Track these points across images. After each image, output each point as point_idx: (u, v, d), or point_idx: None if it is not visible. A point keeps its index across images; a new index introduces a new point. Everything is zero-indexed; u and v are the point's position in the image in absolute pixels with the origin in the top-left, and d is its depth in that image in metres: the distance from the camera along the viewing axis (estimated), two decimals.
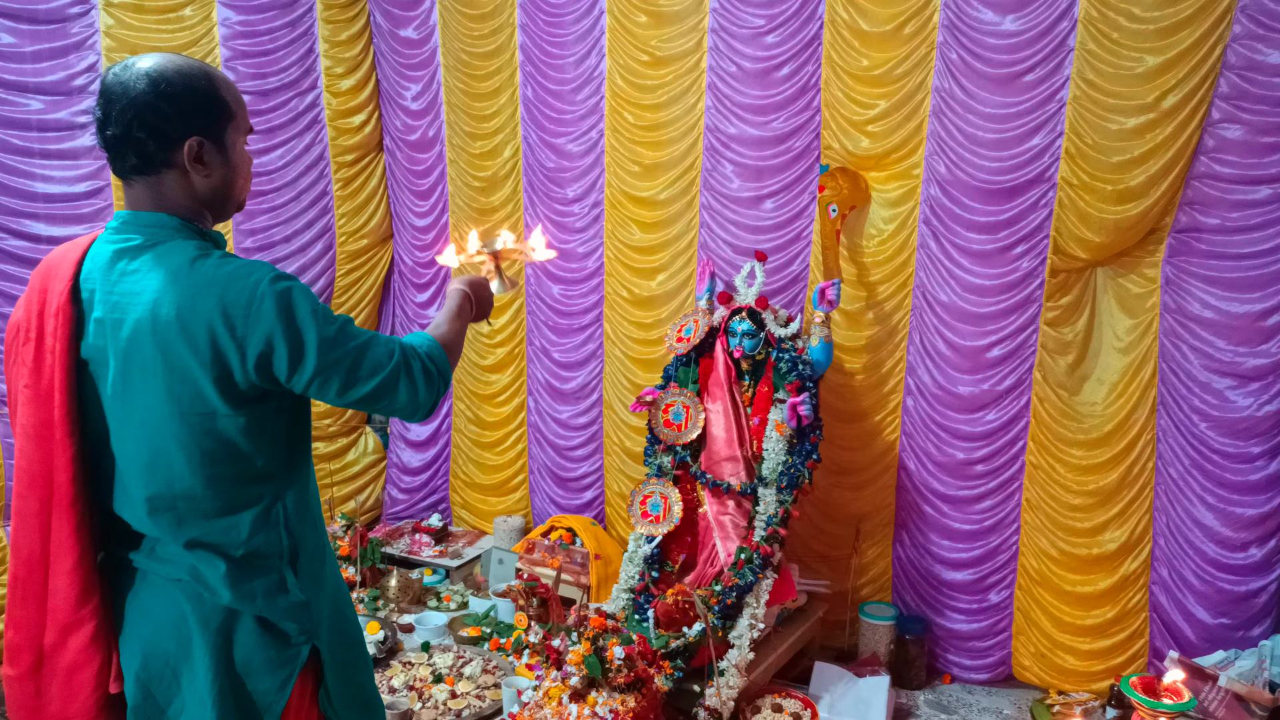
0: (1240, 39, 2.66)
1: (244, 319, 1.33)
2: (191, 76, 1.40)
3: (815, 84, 3.29)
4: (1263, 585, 2.89)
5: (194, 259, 1.37)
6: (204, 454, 1.40)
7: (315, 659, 1.53)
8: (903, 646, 3.32)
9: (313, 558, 1.55)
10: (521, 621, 3.35)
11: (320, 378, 1.39)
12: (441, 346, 1.54)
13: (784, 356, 3.16)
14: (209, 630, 1.45)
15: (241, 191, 1.52)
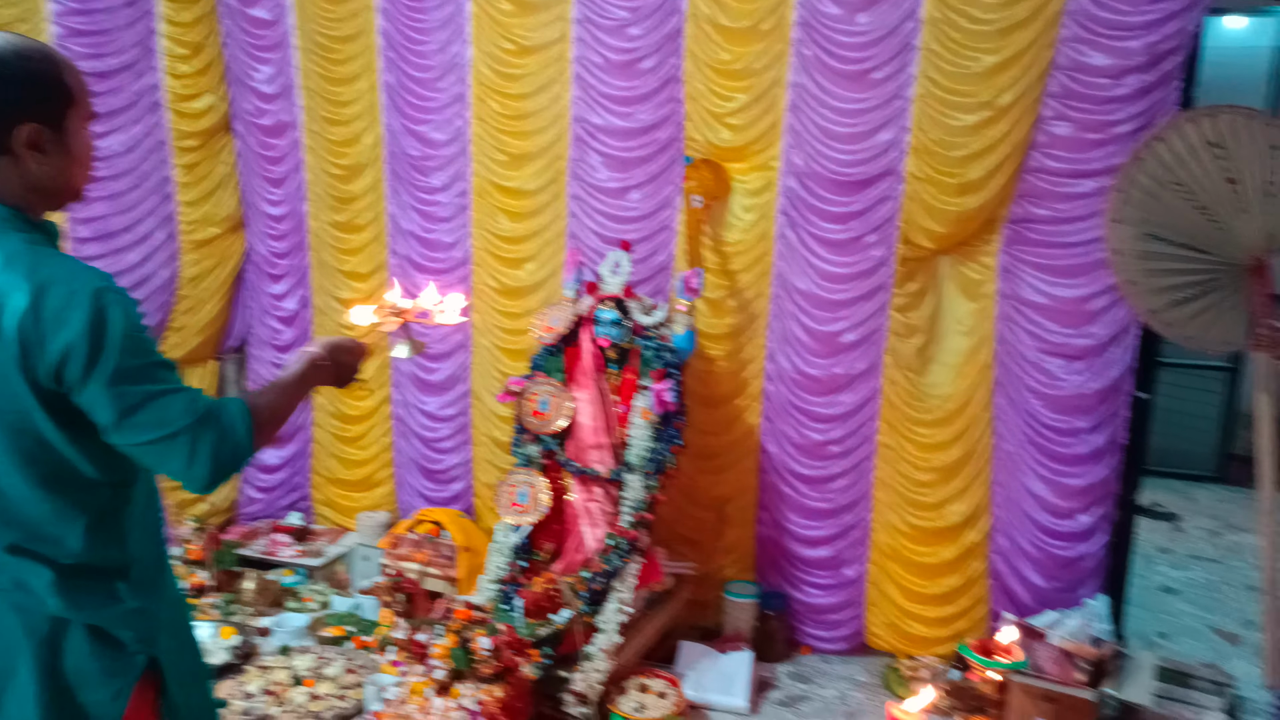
0: (1068, 41, 2.87)
1: (52, 322, 1.25)
2: (31, 58, 1.31)
3: (678, 76, 3.35)
4: (1088, 550, 3.13)
5: (20, 252, 1.29)
6: (24, 455, 1.31)
7: (154, 669, 1.46)
8: (764, 622, 3.44)
9: (149, 566, 1.47)
10: (387, 618, 3.28)
11: (99, 404, 1.29)
12: (255, 423, 1.41)
13: (649, 345, 3.21)
14: (35, 640, 1.36)
15: (80, 181, 1.41)
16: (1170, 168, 2.50)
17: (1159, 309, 2.60)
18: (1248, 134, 2.40)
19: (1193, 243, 2.52)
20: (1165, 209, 2.53)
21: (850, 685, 3.31)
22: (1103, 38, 2.81)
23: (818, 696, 3.24)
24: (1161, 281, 2.56)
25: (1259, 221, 2.45)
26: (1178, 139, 2.48)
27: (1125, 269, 2.62)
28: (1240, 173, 2.42)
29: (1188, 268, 2.54)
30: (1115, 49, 2.80)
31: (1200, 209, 2.48)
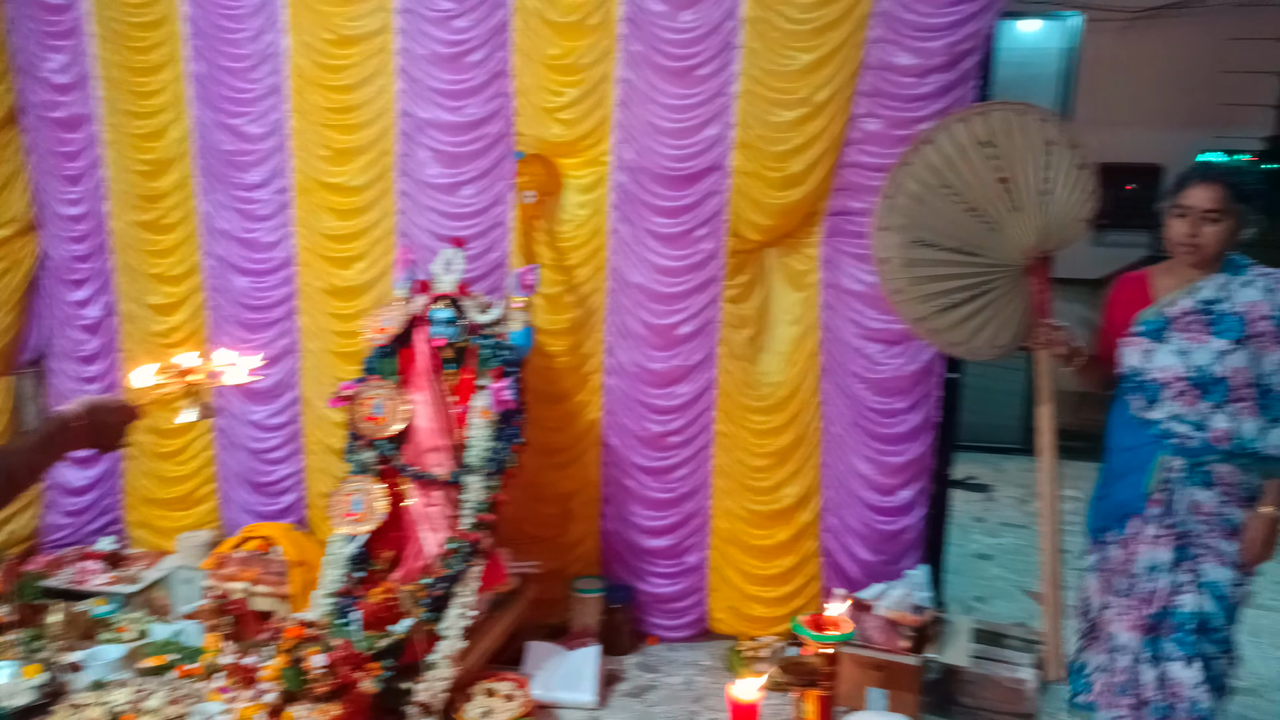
0: (876, 42, 3.01)
1: None
2: None
3: (507, 70, 3.31)
4: (909, 523, 3.32)
5: None
6: None
7: None
8: (611, 616, 3.46)
9: None
10: (213, 643, 3.10)
11: None
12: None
13: (486, 343, 3.16)
14: None
15: None
16: (939, 171, 2.48)
17: (925, 316, 2.55)
18: (1020, 131, 2.42)
19: (963, 246, 2.48)
20: (933, 213, 2.50)
21: (696, 671, 3.38)
22: (907, 39, 2.97)
23: (664, 685, 3.28)
24: (929, 288, 2.51)
25: (1034, 220, 2.44)
26: (947, 141, 2.49)
27: (891, 278, 2.55)
28: (1013, 171, 2.43)
29: (956, 272, 2.50)
30: (918, 49, 2.96)
31: (970, 210, 2.46)
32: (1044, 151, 2.36)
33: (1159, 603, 2.33)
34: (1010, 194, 2.38)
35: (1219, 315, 2.23)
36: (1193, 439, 2.27)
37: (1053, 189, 2.38)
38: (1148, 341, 2.32)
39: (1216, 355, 2.22)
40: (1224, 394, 2.22)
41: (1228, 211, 2.22)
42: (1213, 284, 2.26)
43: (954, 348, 2.53)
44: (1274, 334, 2.19)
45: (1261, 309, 2.21)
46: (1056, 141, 2.37)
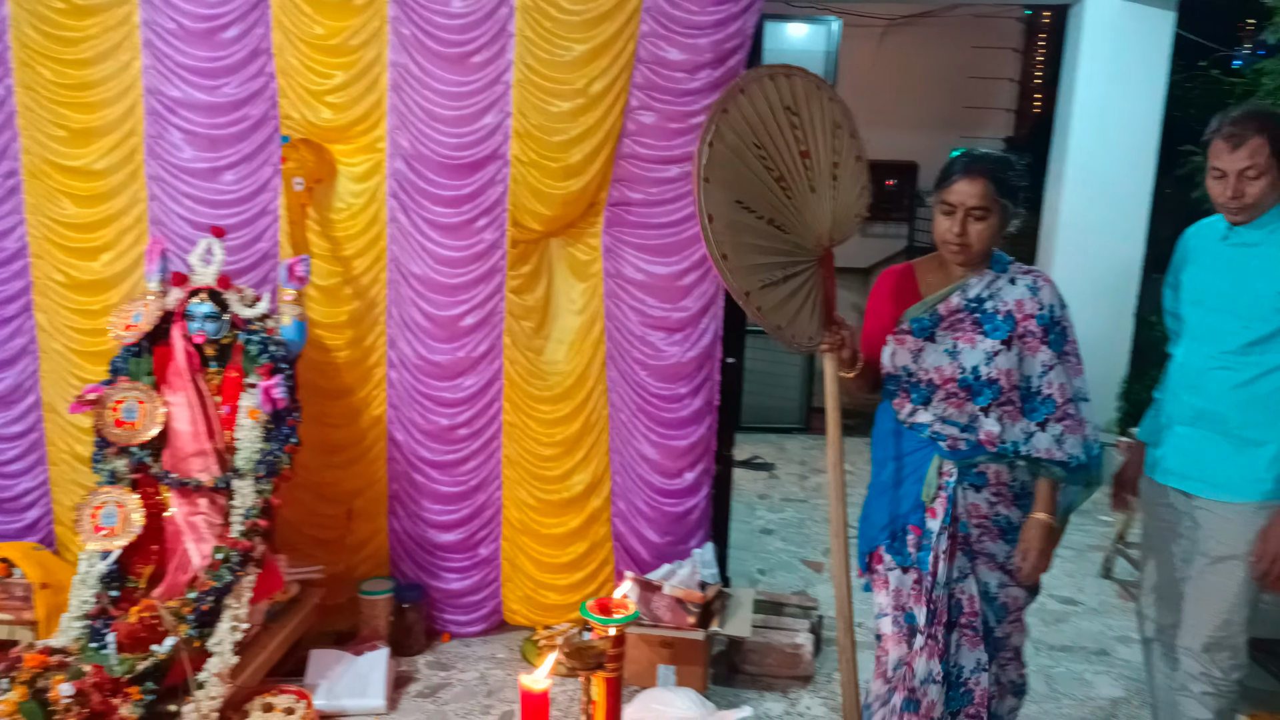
0: (647, 36, 3.07)
1: None
2: None
3: (267, 49, 3.12)
4: (694, 504, 3.43)
5: None
6: None
7: None
8: (401, 616, 3.36)
9: None
10: None
11: None
12: None
13: (253, 339, 2.98)
14: None
15: None
16: (753, 126, 2.05)
17: (752, 291, 2.06)
18: (818, 106, 2.11)
19: (774, 218, 2.09)
20: (750, 175, 2.06)
21: (491, 664, 3.35)
22: (676, 34, 3.04)
23: (458, 681, 3.24)
24: (753, 259, 2.06)
25: (826, 205, 2.13)
26: (759, 93, 2.06)
27: (718, 240, 2.00)
28: (812, 146, 2.12)
29: (773, 246, 2.10)
30: (687, 45, 3.04)
31: (778, 180, 2.08)
32: (832, 134, 2.13)
33: (954, 614, 2.17)
34: (809, 172, 2.11)
35: (988, 314, 2.13)
36: (961, 441, 2.14)
37: (840, 176, 2.14)
38: (916, 340, 2.19)
39: (986, 356, 2.11)
40: (993, 396, 2.11)
41: (994, 207, 2.08)
42: (981, 281, 2.15)
43: (779, 332, 2.11)
44: (1040, 334, 2.11)
45: (1027, 308, 2.11)
46: (843, 126, 2.14)
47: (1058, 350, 2.11)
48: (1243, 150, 2.16)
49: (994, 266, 2.17)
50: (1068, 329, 2.13)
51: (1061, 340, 2.13)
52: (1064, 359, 2.12)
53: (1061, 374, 2.11)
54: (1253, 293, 2.23)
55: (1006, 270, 2.16)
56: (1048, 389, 2.11)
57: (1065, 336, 2.13)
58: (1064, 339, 2.13)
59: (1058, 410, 2.10)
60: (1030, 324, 2.11)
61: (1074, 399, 2.12)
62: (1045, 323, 2.11)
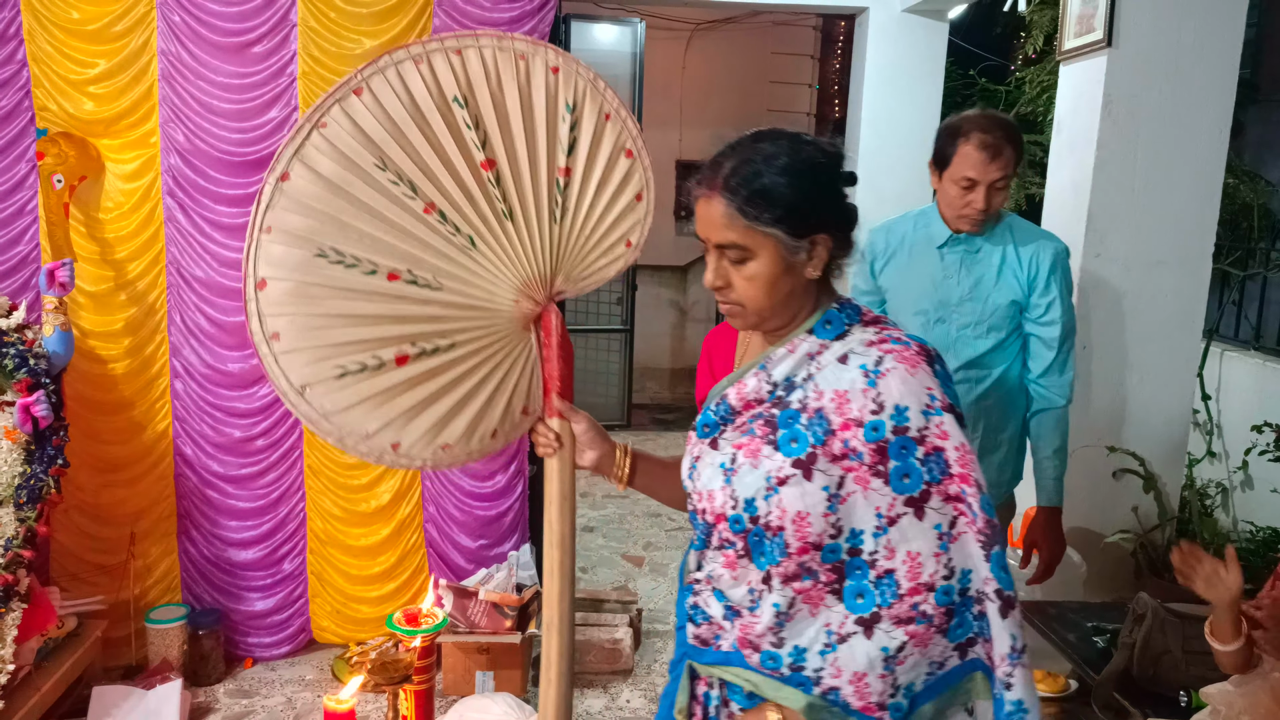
0: (440, 31, 3.01)
1: None
2: None
3: (17, 33, 2.84)
4: (508, 506, 3.39)
5: None
6: None
7: None
8: (196, 643, 3.15)
9: None
10: None
11: None
12: None
13: (8, 351, 2.70)
14: None
15: None
16: (373, 139, 1.36)
17: (321, 380, 1.36)
18: (533, 88, 1.44)
19: (411, 269, 1.38)
20: (358, 210, 1.36)
21: (298, 687, 3.19)
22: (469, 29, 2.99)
23: (262, 708, 3.06)
24: (342, 334, 1.36)
25: (543, 236, 1.43)
26: (392, 91, 1.37)
27: (272, 312, 1.37)
28: (506, 150, 1.43)
29: (387, 312, 1.37)
30: None
31: (428, 209, 1.39)
32: (563, 123, 1.44)
33: None
34: (497, 189, 1.41)
35: (790, 411, 1.21)
36: (718, 635, 1.27)
37: (582, 188, 1.46)
38: (698, 442, 1.32)
39: (766, 483, 1.19)
40: (778, 556, 1.19)
41: (757, 237, 1.20)
42: (794, 354, 1.24)
43: (365, 441, 1.38)
44: (870, 458, 1.15)
45: (852, 408, 1.17)
46: (582, 104, 1.45)
47: (911, 490, 1.15)
48: (999, 161, 2.12)
49: (817, 329, 1.24)
50: (944, 452, 1.15)
51: (918, 470, 1.14)
52: (923, 507, 1.15)
53: (919, 535, 1.15)
54: (989, 303, 2.25)
55: (845, 334, 1.23)
56: (886, 559, 1.16)
57: (930, 465, 1.15)
58: (924, 469, 1.15)
59: (900, 601, 1.15)
60: (853, 437, 1.16)
61: (944, 590, 1.15)
62: (878, 439, 1.15)
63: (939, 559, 1.15)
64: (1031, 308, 2.27)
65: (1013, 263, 2.26)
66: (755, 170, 1.18)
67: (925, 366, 1.18)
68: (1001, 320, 2.27)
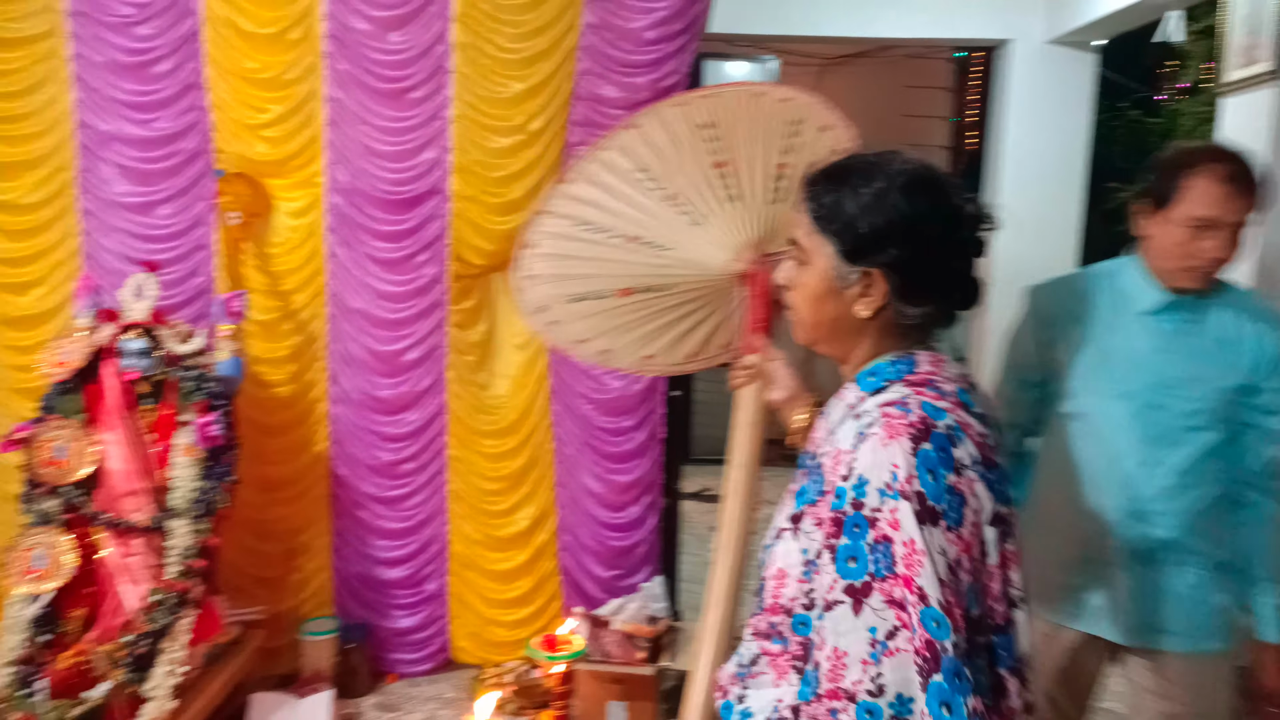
0: (585, 75, 3.11)
1: None
2: None
3: (200, 83, 3.10)
4: (641, 537, 3.42)
5: None
6: None
7: None
8: (346, 657, 3.30)
9: None
10: None
11: None
12: None
13: (188, 375, 2.92)
14: None
15: None
16: (638, 155, 1.83)
17: (548, 304, 1.87)
18: (752, 112, 1.81)
19: (644, 235, 1.82)
20: (613, 197, 1.84)
21: (438, 705, 3.29)
22: (613, 73, 3.08)
23: None
24: (567, 268, 1.85)
25: (759, 210, 1.79)
26: (657, 127, 1.84)
27: (532, 262, 1.89)
28: (735, 155, 1.79)
29: (621, 259, 1.84)
30: (624, 84, 3.08)
31: (671, 199, 1.83)
32: (786, 134, 1.77)
33: None
34: (727, 181, 1.77)
35: (816, 463, 1.16)
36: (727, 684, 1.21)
37: (792, 174, 1.73)
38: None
39: (775, 532, 1.18)
40: (757, 608, 1.18)
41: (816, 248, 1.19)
42: (841, 400, 1.19)
43: (573, 347, 1.86)
44: (830, 524, 1.06)
45: (840, 468, 1.07)
46: (805, 120, 1.79)
47: (853, 577, 1.01)
48: (1245, 200, 1.72)
49: (860, 378, 1.16)
50: (891, 545, 0.99)
51: (865, 556, 1.01)
52: (862, 602, 1.00)
53: (851, 632, 1.00)
54: (1215, 386, 1.81)
55: (882, 389, 1.12)
56: (817, 647, 1.04)
57: (877, 555, 1.00)
58: (871, 557, 1.00)
59: (817, 701, 1.02)
60: (826, 504, 1.08)
61: (868, 708, 0.97)
62: (839, 508, 1.05)
63: (866, 668, 0.98)
64: (1260, 394, 1.81)
65: (1238, 334, 1.82)
66: (843, 177, 1.14)
67: (905, 441, 1.01)
68: (1231, 409, 1.82)
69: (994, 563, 1.06)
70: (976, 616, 1.03)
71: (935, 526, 0.99)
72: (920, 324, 1.14)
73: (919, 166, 1.13)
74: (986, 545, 1.05)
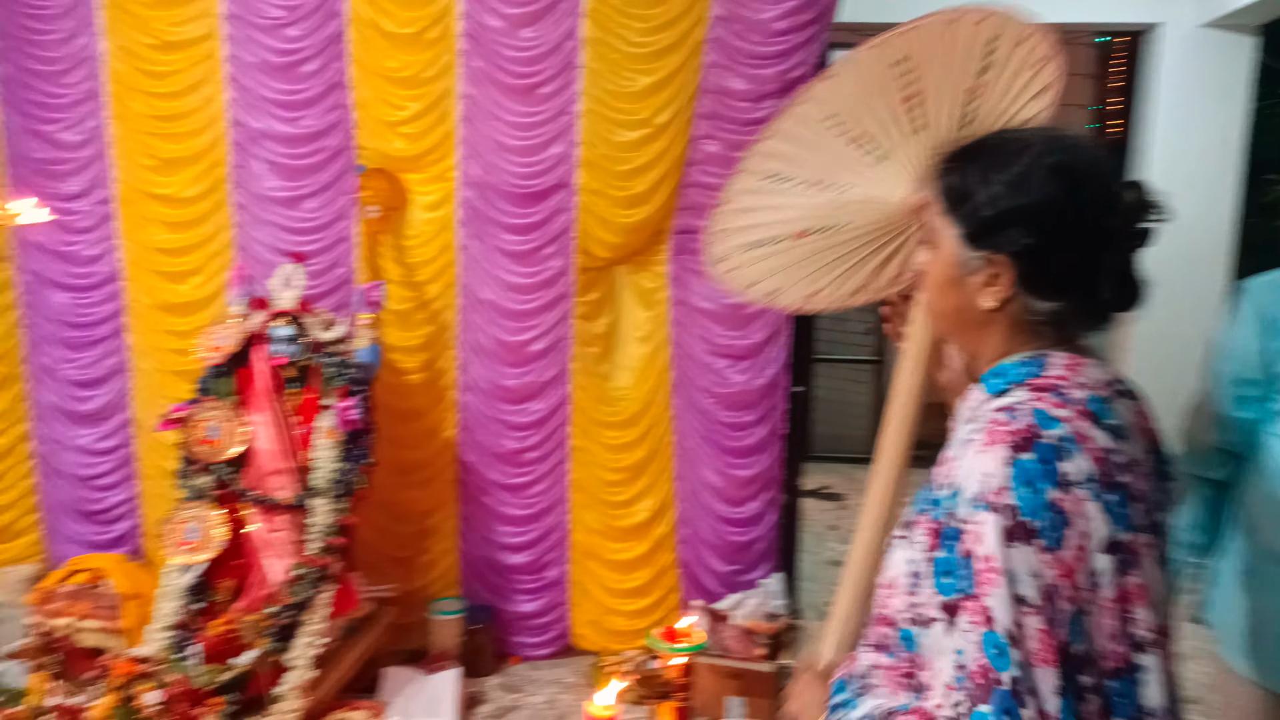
0: (712, 67, 3.09)
1: None
2: None
3: (344, 82, 3.23)
4: (760, 533, 3.41)
5: None
6: None
7: None
8: (472, 637, 3.40)
9: None
10: (38, 683, 2.90)
11: None
12: None
13: (330, 361, 3.07)
14: None
15: None
16: (827, 103, 1.74)
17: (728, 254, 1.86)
18: (946, 40, 1.66)
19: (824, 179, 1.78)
20: (803, 146, 1.76)
21: (559, 689, 3.36)
22: (740, 65, 3.05)
23: (527, 704, 3.26)
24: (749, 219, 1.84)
25: (945, 135, 1.65)
26: (851, 73, 1.72)
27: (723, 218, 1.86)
28: (924, 86, 1.67)
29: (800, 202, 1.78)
30: (752, 76, 3.05)
31: (854, 141, 1.73)
32: (981, 55, 1.68)
33: None
34: (914, 113, 1.72)
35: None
36: None
37: (987, 89, 1.65)
38: None
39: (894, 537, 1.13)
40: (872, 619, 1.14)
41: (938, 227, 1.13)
42: (965, 405, 1.11)
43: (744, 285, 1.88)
44: (929, 545, 1.00)
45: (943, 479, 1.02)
46: (1001, 35, 1.66)
47: (945, 593, 0.95)
48: None
49: (986, 379, 1.08)
50: (972, 560, 0.92)
51: (955, 566, 0.94)
52: (953, 621, 0.94)
53: (939, 640, 0.96)
54: None
55: (1004, 393, 1.04)
56: (923, 663, 1.00)
57: (961, 572, 0.93)
58: (959, 573, 0.94)
59: (903, 714, 0.99)
60: (930, 513, 1.02)
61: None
62: (937, 519, 0.99)
63: (949, 694, 0.92)
64: None
65: None
66: (977, 154, 1.09)
67: (1002, 449, 0.93)
68: None
69: (1109, 596, 0.93)
70: (1081, 653, 0.91)
71: (1027, 545, 0.89)
72: (1056, 322, 1.04)
73: (1072, 146, 1.05)
74: (1097, 575, 0.93)
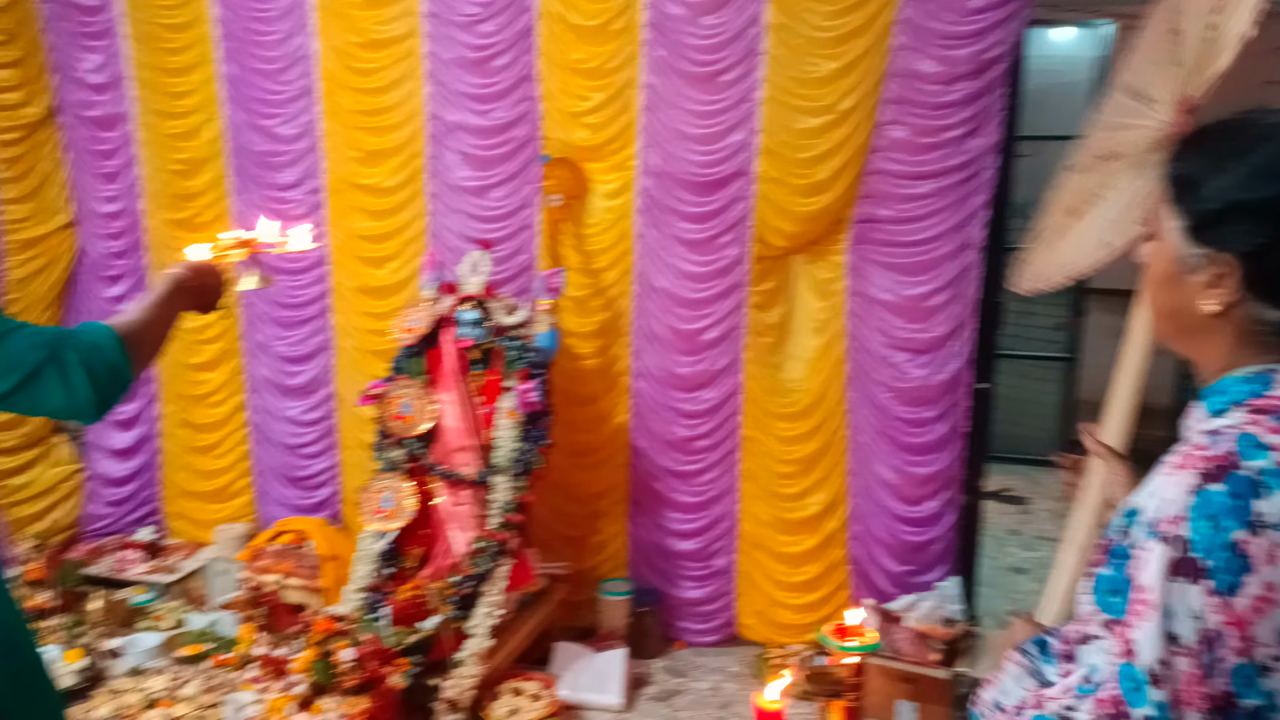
0: (900, 50, 2.97)
1: None
2: None
3: (532, 75, 3.33)
4: (937, 534, 3.28)
5: None
6: None
7: None
8: (639, 618, 3.47)
9: None
10: (247, 634, 3.18)
11: None
12: (121, 337, 1.37)
13: (512, 345, 3.19)
14: None
15: None
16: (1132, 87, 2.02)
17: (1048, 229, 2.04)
18: None
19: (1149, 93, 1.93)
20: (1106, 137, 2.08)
21: (723, 677, 3.37)
22: (932, 46, 2.92)
23: (692, 690, 3.29)
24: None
25: (1191, 64, 1.86)
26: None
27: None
28: (1184, 18, 1.89)
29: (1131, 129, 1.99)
30: (944, 57, 2.92)
31: (1135, 96, 1.99)
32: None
33: None
34: (1174, 50, 1.84)
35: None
36: None
37: (1223, 23, 1.78)
38: None
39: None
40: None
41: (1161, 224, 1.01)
42: (1189, 415, 1.00)
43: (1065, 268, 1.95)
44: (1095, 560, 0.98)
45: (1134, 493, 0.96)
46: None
47: (1111, 613, 0.91)
48: None
49: (1207, 396, 0.97)
50: (1132, 583, 0.87)
51: (1124, 590, 0.89)
52: (1109, 626, 0.90)
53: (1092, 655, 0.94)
54: None
55: (1223, 413, 0.93)
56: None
57: (1123, 595, 0.89)
58: (1125, 594, 0.89)
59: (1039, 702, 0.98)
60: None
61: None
62: (1109, 534, 0.96)
63: (1066, 695, 0.93)
64: None
65: None
66: (1208, 139, 0.97)
67: (1189, 476, 0.85)
68: None
69: None
70: (1252, 709, 0.83)
71: (1193, 583, 0.82)
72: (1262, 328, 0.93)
73: None
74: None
